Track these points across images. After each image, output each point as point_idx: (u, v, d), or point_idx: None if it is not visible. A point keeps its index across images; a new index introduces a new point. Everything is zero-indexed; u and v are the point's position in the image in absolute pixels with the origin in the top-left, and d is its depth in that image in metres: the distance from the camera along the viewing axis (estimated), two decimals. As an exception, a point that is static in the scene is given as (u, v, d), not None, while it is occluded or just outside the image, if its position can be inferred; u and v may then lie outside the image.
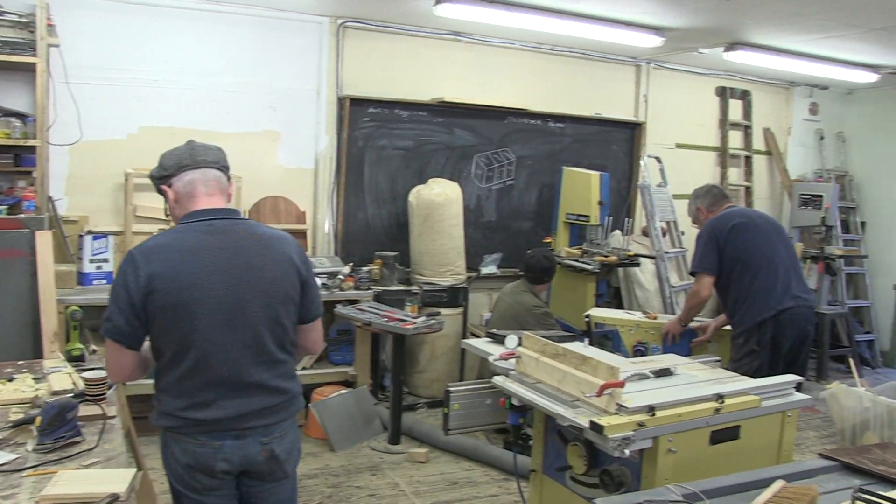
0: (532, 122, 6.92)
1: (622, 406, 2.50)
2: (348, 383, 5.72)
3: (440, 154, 6.55)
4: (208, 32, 5.65)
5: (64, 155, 5.26)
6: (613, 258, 6.19)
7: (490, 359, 3.28)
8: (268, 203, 5.95)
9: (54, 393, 2.82)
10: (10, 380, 3.00)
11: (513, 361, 3.06)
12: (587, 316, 4.84)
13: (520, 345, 3.09)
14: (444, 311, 5.83)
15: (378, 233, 6.40)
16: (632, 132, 7.49)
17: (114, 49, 5.39)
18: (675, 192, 7.02)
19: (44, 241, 4.54)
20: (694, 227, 4.83)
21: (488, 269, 6.26)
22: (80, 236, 5.24)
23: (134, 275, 2.21)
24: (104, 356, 2.79)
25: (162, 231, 2.42)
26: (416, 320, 5.20)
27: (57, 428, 2.38)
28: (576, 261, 6.17)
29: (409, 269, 6.26)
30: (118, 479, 2.07)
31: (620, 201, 7.31)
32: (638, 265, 6.53)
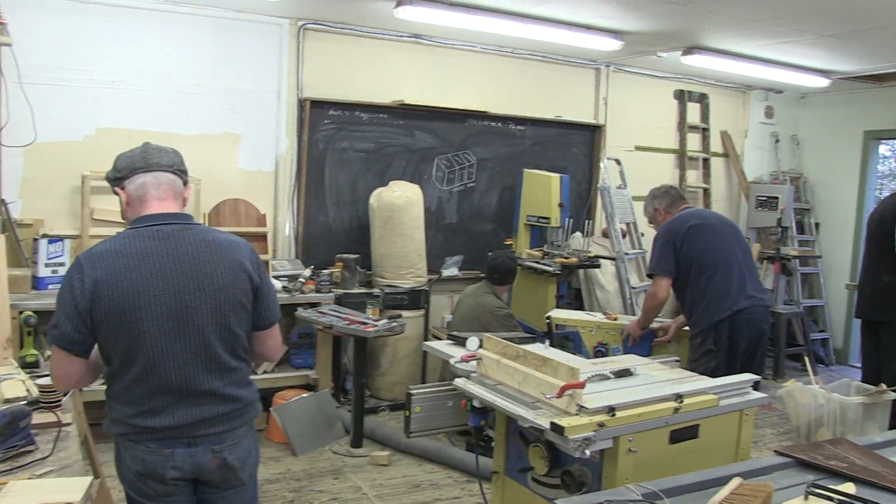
0: (493, 124, 6.94)
1: (583, 407, 2.52)
2: (310, 387, 5.68)
3: (401, 156, 6.55)
4: (166, 33, 5.57)
5: (18, 157, 5.14)
6: (574, 260, 6.24)
7: (451, 361, 3.29)
8: (227, 206, 5.89)
9: (6, 401, 2.74)
10: (-39, 387, 2.93)
11: (474, 363, 3.06)
12: (548, 317, 4.87)
13: (481, 347, 3.09)
14: (405, 313, 5.82)
15: (339, 235, 6.38)
16: (592, 135, 7.55)
17: (69, 49, 5.29)
18: (635, 194, 7.10)
19: (-4, 244, 4.44)
20: (650, 228, 4.88)
21: (450, 271, 6.27)
22: (35, 240, 5.13)
23: (80, 281, 2.18)
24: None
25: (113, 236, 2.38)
26: (377, 323, 5.19)
27: (9, 437, 2.32)
28: (537, 262, 6.21)
29: (370, 272, 6.24)
30: (73, 488, 2.03)
31: (581, 203, 7.37)
32: (598, 266, 6.58)
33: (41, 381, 2.76)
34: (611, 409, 2.54)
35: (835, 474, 2.06)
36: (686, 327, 4.56)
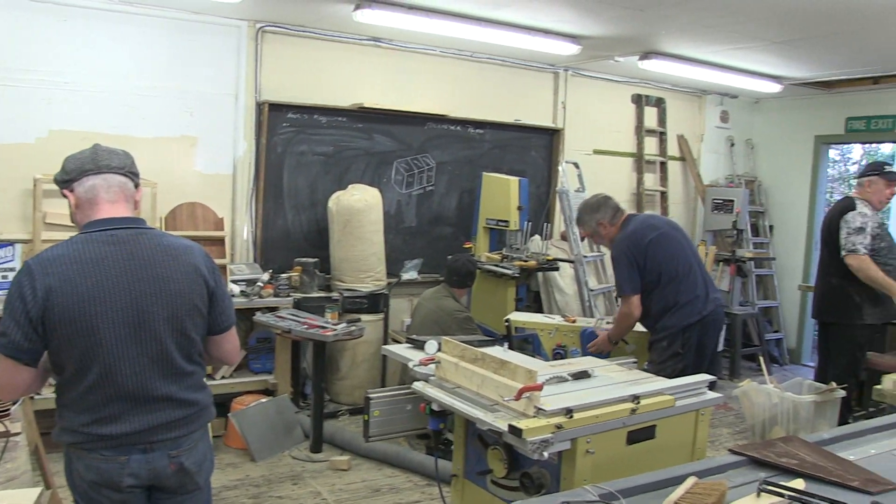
0: (452, 128, 6.95)
1: (540, 409, 2.52)
2: (269, 392, 5.63)
3: (360, 160, 6.52)
4: (121, 34, 5.48)
5: (-34, 159, 5.04)
6: (533, 263, 6.27)
7: (410, 364, 3.28)
8: (184, 210, 5.81)
9: (-47, 411, 2.69)
10: None
11: (432, 367, 3.06)
12: (507, 320, 4.88)
13: (439, 350, 3.09)
14: (364, 317, 5.81)
15: (298, 239, 6.33)
16: (550, 138, 7.60)
17: (19, 49, 5.17)
18: (593, 198, 7.13)
19: (-56, 250, 4.35)
20: (593, 241, 4.81)
21: (409, 274, 6.26)
22: (-15, 244, 5.04)
23: (31, 287, 2.13)
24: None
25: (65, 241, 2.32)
26: (336, 327, 5.16)
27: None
28: (496, 266, 6.23)
29: (329, 276, 6.20)
30: (21, 500, 1.99)
31: (539, 206, 7.41)
32: (557, 269, 6.63)
33: (-11, 390, 2.69)
34: (568, 411, 2.55)
35: (786, 471, 2.10)
36: (640, 329, 4.59)
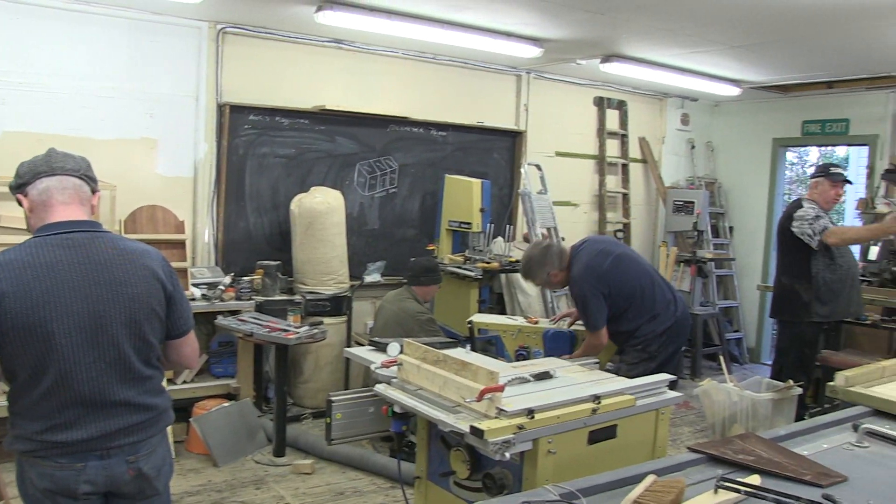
0: (414, 130, 6.95)
1: (502, 410, 2.53)
2: (231, 396, 5.59)
3: (322, 162, 6.49)
4: (79, 34, 5.40)
5: (-84, 161, 4.92)
6: (495, 264, 6.30)
7: (372, 367, 3.27)
8: (144, 212, 5.74)
9: None
10: None
11: (395, 369, 3.06)
12: (470, 322, 4.89)
13: (401, 352, 3.09)
14: (327, 320, 5.79)
15: (260, 242, 6.28)
16: (513, 140, 7.63)
17: (-29, 49, 5.08)
18: (556, 199, 7.22)
19: None
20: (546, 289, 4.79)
21: (372, 277, 6.24)
22: (-64, 249, 4.91)
23: None
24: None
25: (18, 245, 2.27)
26: (298, 330, 5.14)
27: None
28: (459, 267, 6.25)
29: (291, 279, 6.17)
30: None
31: (502, 208, 7.44)
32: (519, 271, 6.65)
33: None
34: (530, 412, 2.56)
35: (743, 467, 2.14)
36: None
